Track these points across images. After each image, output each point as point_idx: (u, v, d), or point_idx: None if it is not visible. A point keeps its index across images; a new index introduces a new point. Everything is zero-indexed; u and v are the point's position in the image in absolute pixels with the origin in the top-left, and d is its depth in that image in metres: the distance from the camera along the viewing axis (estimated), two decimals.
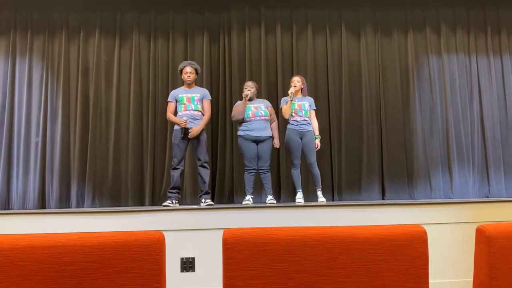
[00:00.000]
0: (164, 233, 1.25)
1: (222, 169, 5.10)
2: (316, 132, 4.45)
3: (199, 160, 4.22)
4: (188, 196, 5.00)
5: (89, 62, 5.19)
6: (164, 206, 3.95)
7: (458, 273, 3.46)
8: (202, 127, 4.22)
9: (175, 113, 4.32)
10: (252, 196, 4.28)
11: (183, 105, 4.25)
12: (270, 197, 4.25)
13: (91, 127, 5.04)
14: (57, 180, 4.93)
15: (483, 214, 3.64)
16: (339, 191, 5.11)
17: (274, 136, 4.42)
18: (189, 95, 4.27)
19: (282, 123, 5.07)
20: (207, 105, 4.31)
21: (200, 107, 4.28)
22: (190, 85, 4.33)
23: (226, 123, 5.11)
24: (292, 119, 4.35)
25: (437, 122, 5.26)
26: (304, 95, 4.49)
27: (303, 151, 4.34)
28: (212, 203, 4.15)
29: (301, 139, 4.33)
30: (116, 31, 5.23)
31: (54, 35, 5.22)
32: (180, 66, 4.38)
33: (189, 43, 5.27)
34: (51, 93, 5.09)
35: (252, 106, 4.36)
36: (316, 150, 4.38)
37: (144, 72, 5.22)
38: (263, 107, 4.40)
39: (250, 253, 1.19)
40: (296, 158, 4.31)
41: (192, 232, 3.40)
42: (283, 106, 4.42)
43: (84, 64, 5.17)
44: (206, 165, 4.23)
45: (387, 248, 1.22)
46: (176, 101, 4.31)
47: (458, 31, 5.45)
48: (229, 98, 5.15)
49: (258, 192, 4.79)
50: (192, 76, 4.30)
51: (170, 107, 4.32)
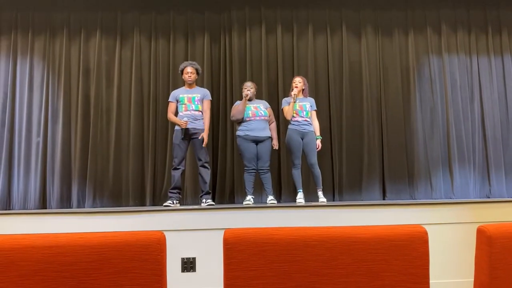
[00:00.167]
0: (165, 233, 1.25)
1: (222, 169, 5.10)
2: (317, 132, 4.45)
3: (200, 160, 4.22)
4: (188, 196, 5.00)
5: (90, 62, 5.20)
6: (165, 206, 3.95)
7: (459, 273, 3.46)
8: (207, 130, 4.23)
9: (176, 113, 4.32)
10: (253, 196, 4.28)
11: (183, 105, 4.25)
12: (270, 197, 4.25)
13: (92, 127, 5.05)
14: (58, 180, 4.93)
15: (484, 214, 3.63)
16: (340, 191, 5.11)
17: (272, 137, 4.42)
18: (189, 95, 4.27)
19: (283, 123, 5.07)
20: (206, 105, 4.31)
21: (200, 107, 4.28)
22: (191, 85, 4.33)
23: (227, 123, 5.11)
24: (293, 120, 4.35)
25: (437, 122, 5.25)
26: (305, 96, 4.50)
27: (304, 151, 4.34)
28: (213, 203, 4.15)
29: (302, 139, 4.33)
30: (117, 31, 5.24)
31: (55, 35, 5.22)
32: (181, 66, 4.38)
33: (189, 43, 5.27)
34: (52, 93, 5.10)
35: (252, 106, 4.36)
36: (317, 150, 4.38)
37: (145, 72, 5.23)
38: (263, 107, 4.41)
39: (251, 253, 1.19)
40: (296, 158, 4.32)
41: (193, 232, 3.40)
42: (285, 107, 4.42)
43: (85, 64, 5.18)
44: (206, 165, 4.23)
45: (387, 248, 1.22)
46: (177, 101, 4.31)
47: (459, 31, 5.45)
48: (229, 98, 5.15)
49: (258, 192, 4.79)
50: (193, 76, 4.30)
51: (171, 107, 4.32)
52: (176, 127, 4.26)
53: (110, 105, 5.13)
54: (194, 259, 3.35)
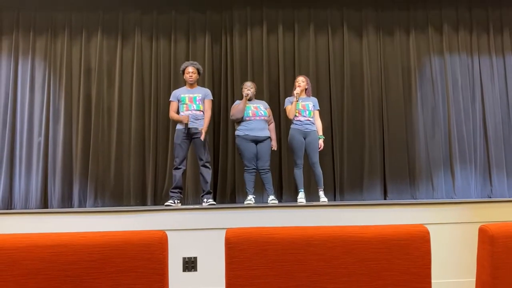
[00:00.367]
0: (167, 232, 1.25)
1: (224, 168, 5.10)
2: (320, 132, 4.44)
3: (201, 160, 4.22)
4: (190, 196, 5.00)
5: (91, 62, 5.21)
6: (166, 206, 3.95)
7: (460, 273, 3.45)
8: (206, 128, 4.23)
9: (177, 113, 4.32)
10: (254, 196, 4.28)
11: (185, 105, 4.26)
12: (271, 197, 4.25)
13: (93, 127, 5.05)
14: (59, 180, 4.94)
15: (485, 214, 3.63)
16: (341, 191, 5.11)
17: (271, 137, 4.42)
18: (191, 95, 4.27)
19: (285, 123, 5.07)
20: (207, 104, 4.31)
21: (202, 107, 4.28)
22: (192, 85, 4.33)
23: (228, 123, 5.11)
24: (296, 119, 4.34)
25: (439, 122, 5.25)
26: (308, 95, 4.49)
27: (306, 150, 4.34)
28: (214, 203, 4.15)
29: (304, 139, 4.33)
30: (118, 31, 5.24)
31: (56, 35, 5.23)
32: (182, 66, 4.39)
33: (191, 43, 5.27)
34: (53, 93, 5.10)
35: (252, 106, 4.36)
36: (319, 150, 4.37)
37: (146, 72, 5.23)
38: (263, 108, 4.41)
39: (253, 252, 1.19)
40: (299, 158, 4.31)
41: (194, 232, 3.40)
42: (288, 106, 4.41)
43: (86, 64, 5.18)
44: (208, 165, 4.23)
45: (389, 247, 1.22)
46: (178, 101, 4.31)
47: (461, 31, 5.44)
48: (231, 97, 5.15)
49: (259, 192, 4.79)
50: (194, 76, 4.30)
51: (173, 106, 4.32)
52: (178, 127, 4.26)
53: (112, 104, 5.13)
54: (195, 258, 3.35)
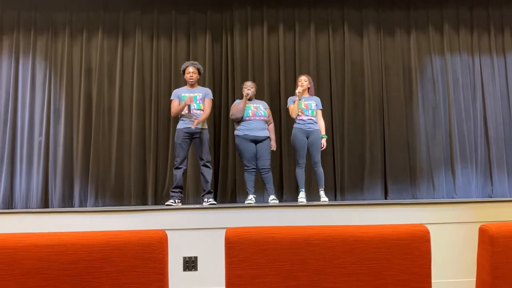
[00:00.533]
0: (167, 232, 1.25)
1: (224, 168, 5.10)
2: (323, 131, 4.43)
3: (202, 159, 4.22)
4: (190, 195, 5.00)
5: (92, 61, 5.21)
6: (166, 206, 3.95)
7: (461, 272, 3.45)
8: (201, 120, 4.18)
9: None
10: (255, 196, 4.27)
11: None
12: (272, 196, 4.25)
13: (94, 126, 5.06)
14: (60, 179, 4.94)
15: (486, 214, 3.63)
16: (341, 190, 5.11)
17: (271, 137, 4.41)
18: (191, 94, 4.27)
19: (286, 122, 5.07)
20: (207, 103, 4.29)
21: (202, 106, 4.27)
22: (192, 85, 4.32)
23: (228, 122, 5.11)
24: (299, 118, 4.33)
25: (440, 121, 5.24)
26: (311, 95, 4.48)
27: (308, 150, 4.33)
28: (215, 203, 4.15)
29: (307, 138, 4.32)
30: (119, 31, 5.24)
31: (57, 35, 5.23)
32: (183, 66, 4.38)
33: (191, 42, 5.27)
34: (54, 92, 5.11)
35: (252, 106, 4.36)
36: (322, 149, 4.37)
37: (147, 71, 5.23)
38: (262, 108, 4.41)
39: (253, 252, 1.19)
40: (301, 157, 4.31)
41: (195, 231, 3.40)
42: (290, 105, 4.41)
43: (87, 64, 5.19)
44: (208, 164, 4.23)
45: (389, 247, 1.22)
46: (179, 100, 4.30)
47: (461, 30, 5.43)
48: (231, 97, 5.15)
49: (260, 192, 4.79)
50: (195, 76, 4.30)
51: (174, 104, 4.30)
52: (178, 126, 4.25)
53: (112, 104, 5.13)
54: (195, 258, 3.35)
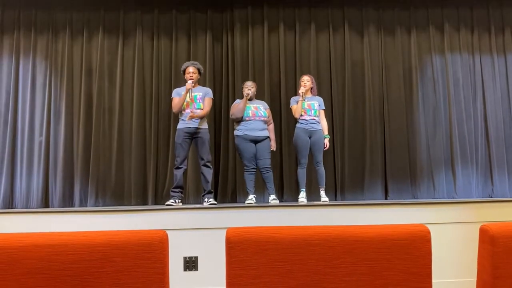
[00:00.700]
0: (167, 232, 1.25)
1: (225, 168, 5.10)
2: (325, 131, 4.44)
3: (202, 159, 4.22)
4: (191, 195, 5.00)
5: (92, 61, 5.21)
6: (167, 205, 3.95)
7: (461, 272, 3.45)
8: (199, 115, 4.16)
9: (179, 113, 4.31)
10: (255, 196, 4.27)
11: (185, 103, 4.24)
12: (273, 196, 4.25)
13: (95, 126, 5.06)
14: (60, 179, 4.94)
15: (486, 214, 3.63)
16: (342, 190, 5.11)
17: (270, 138, 4.41)
18: (192, 93, 4.26)
19: (286, 123, 5.07)
20: (207, 102, 4.28)
21: (202, 105, 4.27)
22: (193, 85, 4.31)
23: (229, 122, 5.11)
24: (301, 118, 4.34)
25: (440, 121, 5.24)
26: (314, 94, 4.49)
27: (311, 150, 4.34)
28: (215, 203, 4.15)
29: (309, 138, 4.32)
30: (119, 30, 5.24)
31: (57, 35, 5.23)
32: (183, 66, 4.38)
33: (192, 42, 5.27)
34: (54, 92, 5.11)
35: (252, 106, 4.36)
36: (324, 149, 4.37)
37: (147, 71, 5.23)
38: (262, 108, 4.41)
39: (253, 252, 1.19)
40: (303, 157, 4.32)
41: (195, 231, 3.40)
42: (293, 105, 4.41)
43: (87, 64, 5.19)
44: (209, 164, 4.23)
45: (390, 247, 1.22)
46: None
47: (462, 30, 5.43)
48: (232, 97, 5.14)
49: (260, 192, 4.79)
50: (195, 76, 4.29)
51: (175, 100, 4.26)
52: (179, 126, 4.25)
53: (113, 104, 5.13)
54: (196, 258, 3.36)
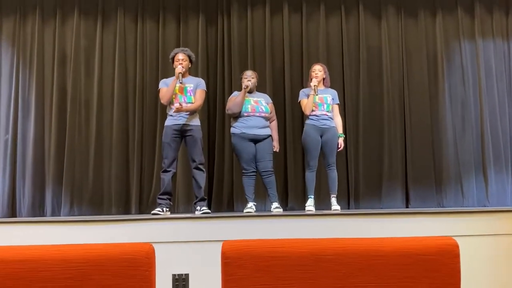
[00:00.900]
0: (154, 245, 1.25)
1: (220, 172, 5.11)
2: (340, 129, 4.42)
3: (194, 161, 4.22)
4: (181, 203, 5.02)
5: (66, 48, 5.21)
6: (153, 215, 3.96)
7: None
8: (189, 109, 4.16)
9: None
10: (255, 203, 4.28)
11: (174, 96, 4.24)
12: (275, 204, 4.26)
13: (69, 123, 5.06)
14: (29, 184, 4.95)
15: None
16: (356, 198, 5.12)
17: (273, 137, 4.41)
18: (181, 85, 4.27)
19: (292, 119, 5.08)
20: (199, 94, 4.28)
21: (193, 99, 4.27)
22: (183, 74, 4.32)
23: (225, 119, 5.11)
24: (312, 114, 4.32)
25: (470, 117, 5.25)
26: (326, 87, 4.47)
27: (322, 150, 4.32)
28: (209, 211, 4.16)
29: (321, 136, 4.31)
30: (97, 11, 5.25)
31: (26, 17, 5.23)
32: (172, 54, 4.39)
33: (182, 25, 5.28)
34: (22, 84, 5.11)
35: (252, 100, 4.36)
36: (338, 150, 4.36)
37: (130, 59, 5.24)
38: (264, 102, 4.40)
39: (254, 269, 1.19)
40: (313, 159, 4.30)
41: (186, 245, 3.41)
42: (303, 99, 4.39)
43: (60, 51, 5.19)
44: (201, 167, 4.24)
45: (413, 263, 1.22)
46: None
47: (495, 12, 5.44)
48: (228, 90, 5.15)
49: (261, 199, 4.79)
50: (185, 64, 4.30)
51: (162, 91, 4.27)
52: (166, 123, 4.25)
53: (90, 97, 5.14)
54: (187, 275, 3.36)
